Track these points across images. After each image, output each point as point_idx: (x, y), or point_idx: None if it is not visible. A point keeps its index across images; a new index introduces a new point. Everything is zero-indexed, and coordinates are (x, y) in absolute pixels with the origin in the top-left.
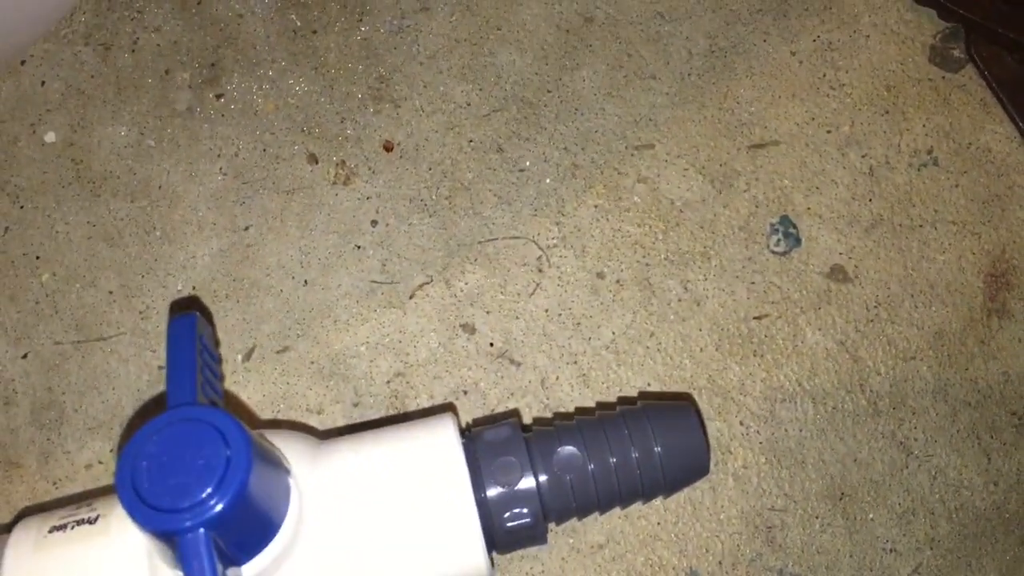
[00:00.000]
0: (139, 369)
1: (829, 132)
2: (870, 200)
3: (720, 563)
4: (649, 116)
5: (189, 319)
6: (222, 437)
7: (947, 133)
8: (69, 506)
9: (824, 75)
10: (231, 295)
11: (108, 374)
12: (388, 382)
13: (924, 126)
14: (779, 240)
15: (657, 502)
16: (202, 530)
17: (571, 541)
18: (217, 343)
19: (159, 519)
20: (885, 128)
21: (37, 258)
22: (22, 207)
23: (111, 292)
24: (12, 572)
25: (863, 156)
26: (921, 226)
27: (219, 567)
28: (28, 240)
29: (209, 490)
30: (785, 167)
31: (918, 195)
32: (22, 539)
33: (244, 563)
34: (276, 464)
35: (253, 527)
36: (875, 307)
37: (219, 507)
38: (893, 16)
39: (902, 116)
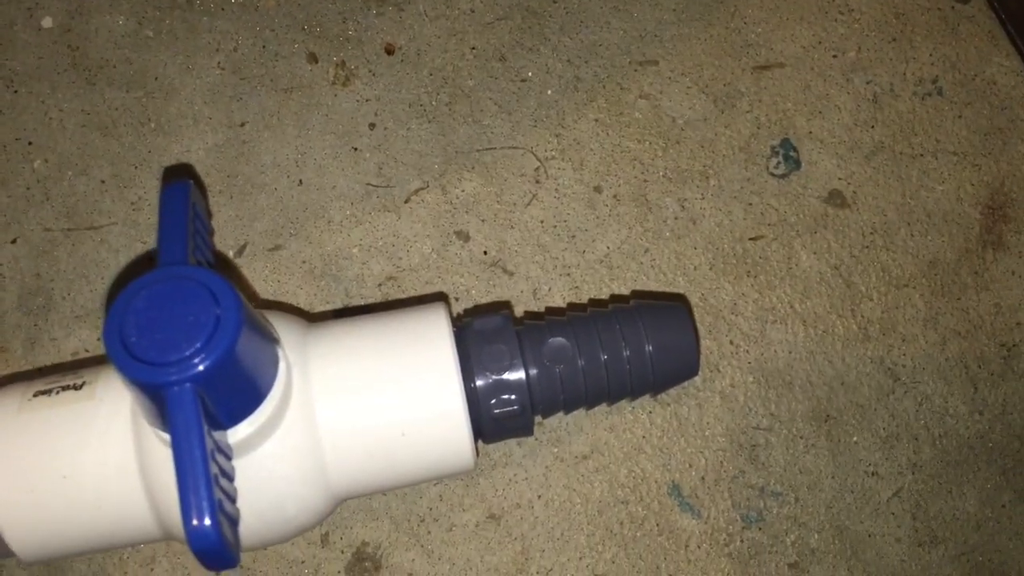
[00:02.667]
0: (129, 259)
1: (835, 57)
2: (872, 127)
3: (703, 479)
4: (655, 32)
5: (183, 185)
6: (212, 296)
7: (953, 63)
8: (53, 375)
9: None
10: (224, 191)
11: (98, 263)
12: (379, 285)
13: (931, 55)
14: (779, 163)
15: (643, 416)
16: (189, 385)
17: (555, 451)
18: (210, 215)
19: (147, 372)
20: (891, 55)
21: (29, 144)
22: (16, 92)
23: (103, 181)
24: None
25: (868, 82)
26: (922, 155)
27: (204, 426)
28: (21, 125)
29: (198, 346)
30: (789, 90)
31: (920, 124)
32: (4, 401)
33: (228, 428)
34: (265, 332)
35: (239, 391)
36: (871, 234)
37: (207, 363)
38: None
39: (909, 44)
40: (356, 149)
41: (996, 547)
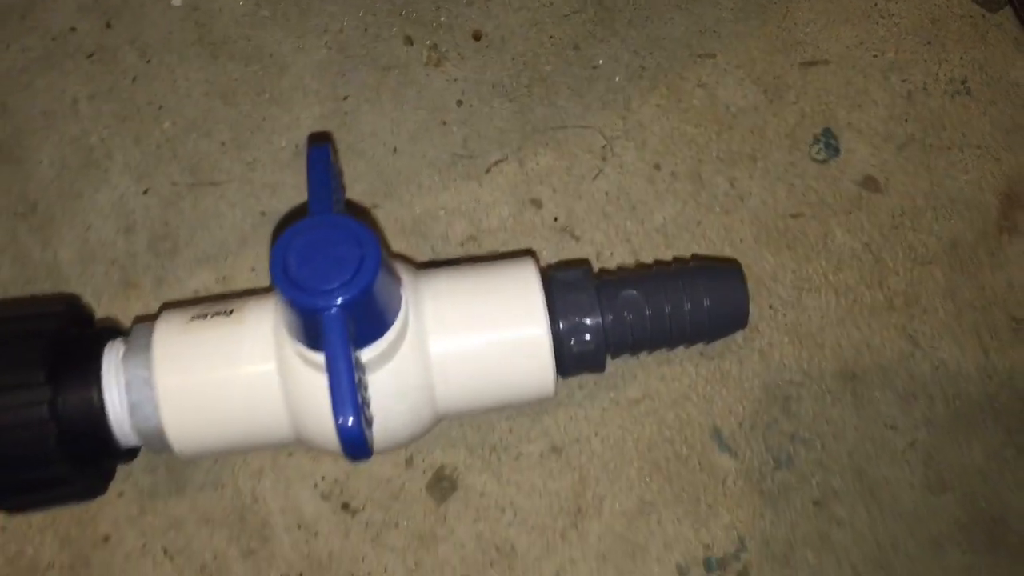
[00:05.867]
0: (244, 213)
1: (875, 56)
2: (905, 121)
3: (740, 424)
4: (713, 28)
5: (325, 146)
6: (357, 239)
7: (981, 66)
8: (203, 304)
9: (876, 4)
10: None
11: (217, 215)
12: (462, 243)
13: (961, 58)
14: (820, 149)
15: (690, 368)
16: (339, 309)
17: (612, 395)
18: (341, 173)
19: (307, 298)
20: (926, 57)
21: (160, 108)
22: (148, 61)
23: (223, 143)
24: (161, 347)
25: (903, 80)
26: (949, 148)
27: (350, 343)
28: (153, 91)
29: (347, 279)
30: (832, 84)
31: (949, 120)
32: (169, 322)
33: (362, 349)
34: (393, 273)
35: (373, 318)
36: (900, 216)
37: (354, 292)
38: None
39: (942, 47)
40: (444, 123)
41: (998, 495)
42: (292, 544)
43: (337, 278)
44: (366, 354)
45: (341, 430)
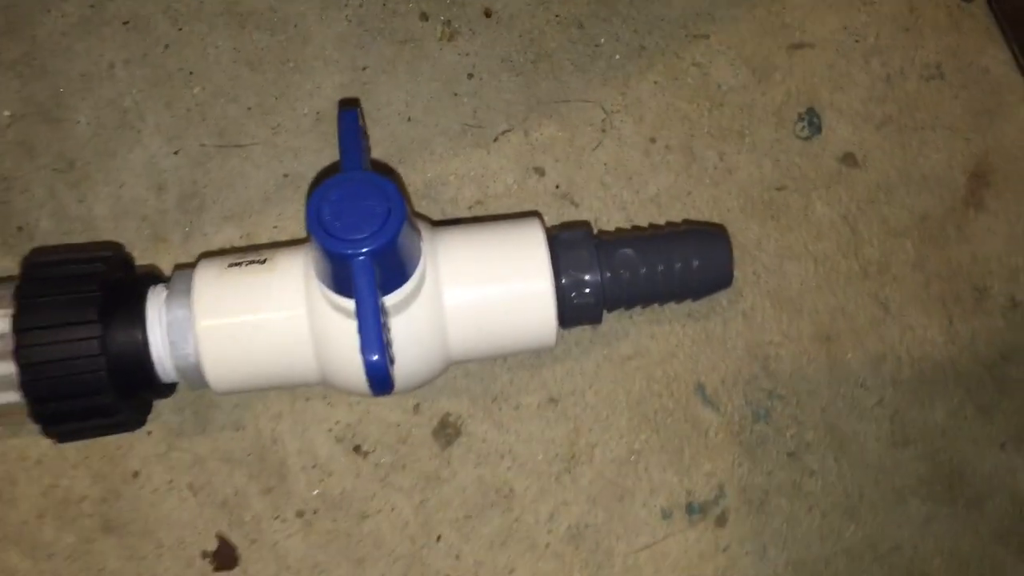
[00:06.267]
0: (268, 174)
1: (857, 41)
2: (883, 102)
3: (723, 381)
4: (708, 11)
5: (355, 110)
6: (384, 194)
7: (954, 53)
8: (238, 253)
9: None
10: None
11: (243, 175)
12: (470, 207)
13: (936, 45)
14: (804, 127)
15: (678, 327)
16: (368, 257)
17: (605, 351)
18: (367, 135)
19: (339, 245)
20: (904, 43)
21: (190, 73)
22: (180, 29)
23: (249, 108)
24: (200, 291)
25: (882, 64)
26: (922, 128)
27: (377, 288)
28: (184, 58)
29: (375, 229)
30: (816, 67)
31: (923, 102)
32: (207, 269)
33: (386, 295)
34: (415, 226)
35: (397, 266)
36: (875, 190)
37: (381, 241)
38: None
39: (919, 34)
40: (456, 95)
41: (957, 450)
42: (307, 483)
43: (367, 229)
44: (389, 300)
45: (368, 366)
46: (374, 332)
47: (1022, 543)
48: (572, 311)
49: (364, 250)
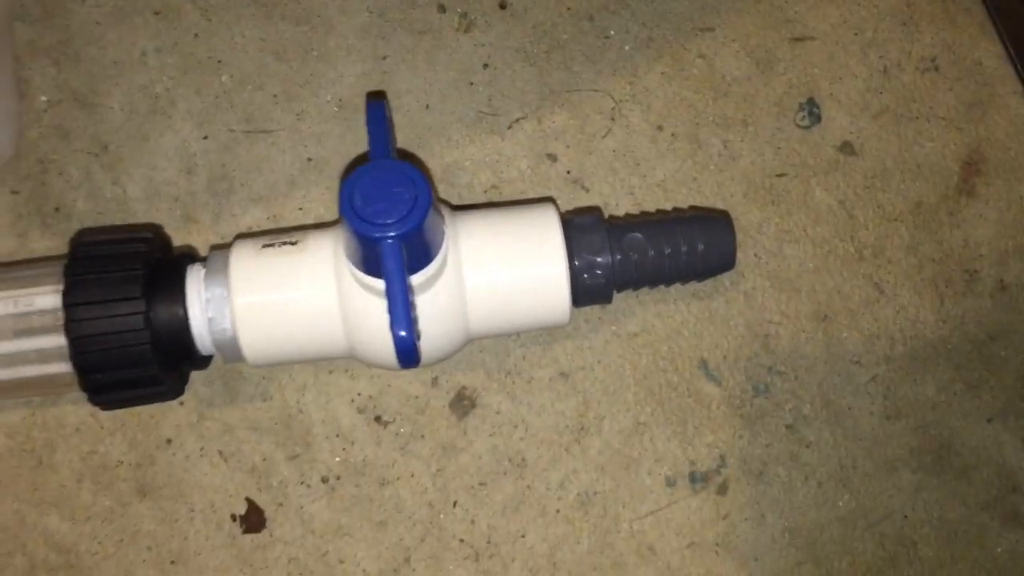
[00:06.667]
0: (293, 159)
1: (856, 34)
2: (881, 93)
3: (725, 357)
4: (714, 5)
5: (382, 101)
6: (411, 181)
7: (949, 46)
8: (271, 235)
9: None
10: None
11: (269, 160)
12: (485, 192)
13: (932, 38)
14: (804, 117)
15: (683, 306)
16: (396, 239)
17: (613, 328)
18: (393, 124)
19: (370, 228)
20: (901, 36)
21: (219, 62)
22: (209, 19)
23: (275, 96)
24: (237, 270)
25: (880, 57)
26: (918, 118)
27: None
28: (213, 46)
29: (403, 214)
30: (817, 58)
31: (919, 93)
32: (244, 247)
33: (412, 275)
34: (439, 211)
35: (423, 248)
36: (872, 177)
37: (409, 225)
38: None
39: (916, 28)
40: (472, 84)
41: (947, 424)
42: (331, 450)
43: (395, 213)
44: (415, 279)
45: (397, 340)
46: (403, 309)
47: (1007, 512)
48: (584, 291)
49: (393, 233)
